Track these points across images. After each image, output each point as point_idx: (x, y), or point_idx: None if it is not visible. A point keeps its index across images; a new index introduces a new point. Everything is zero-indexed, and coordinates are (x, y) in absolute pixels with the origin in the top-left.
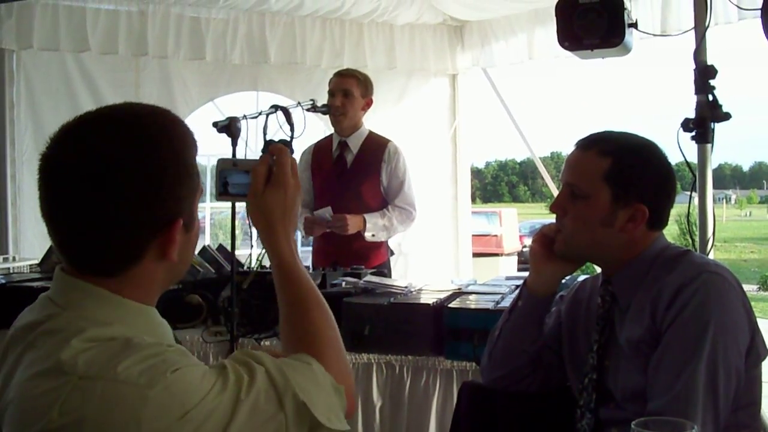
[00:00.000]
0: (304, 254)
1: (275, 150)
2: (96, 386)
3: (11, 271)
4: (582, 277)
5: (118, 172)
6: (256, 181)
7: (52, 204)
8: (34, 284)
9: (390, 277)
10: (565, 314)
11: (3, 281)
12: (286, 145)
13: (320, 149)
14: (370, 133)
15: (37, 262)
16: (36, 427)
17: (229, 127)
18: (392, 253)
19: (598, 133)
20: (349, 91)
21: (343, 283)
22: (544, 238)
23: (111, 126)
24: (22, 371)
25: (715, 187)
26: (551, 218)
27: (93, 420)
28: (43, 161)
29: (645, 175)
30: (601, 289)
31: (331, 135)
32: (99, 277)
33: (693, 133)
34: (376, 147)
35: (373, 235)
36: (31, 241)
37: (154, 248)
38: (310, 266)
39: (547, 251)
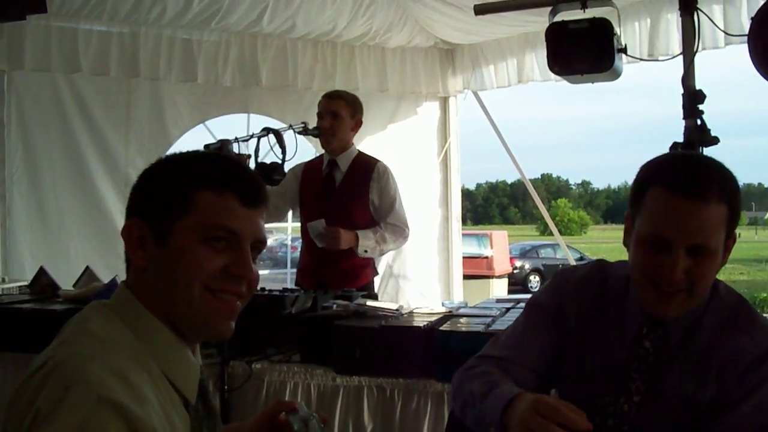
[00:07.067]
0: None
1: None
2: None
3: (1, 292)
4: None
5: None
6: None
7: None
8: (24, 306)
9: (375, 296)
10: (577, 322)
11: None
12: (278, 168)
13: (310, 168)
14: (360, 153)
15: (26, 283)
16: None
17: (221, 150)
18: (377, 274)
19: (701, 175)
20: (337, 113)
21: (334, 306)
22: None
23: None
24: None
25: None
26: (541, 240)
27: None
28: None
29: (740, 204)
30: (649, 331)
31: (322, 155)
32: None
33: None
34: (365, 166)
35: (365, 251)
36: (21, 263)
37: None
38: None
39: None
